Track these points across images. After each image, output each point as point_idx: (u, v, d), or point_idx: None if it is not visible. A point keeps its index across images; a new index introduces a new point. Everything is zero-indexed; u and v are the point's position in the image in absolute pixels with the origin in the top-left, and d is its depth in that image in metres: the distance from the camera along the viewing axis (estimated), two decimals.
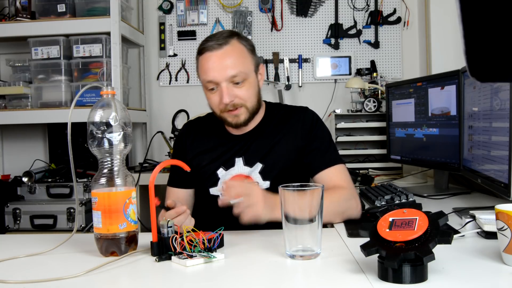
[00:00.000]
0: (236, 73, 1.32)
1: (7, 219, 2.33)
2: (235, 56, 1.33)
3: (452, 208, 1.41)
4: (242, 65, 1.33)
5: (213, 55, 1.32)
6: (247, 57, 1.37)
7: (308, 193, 0.97)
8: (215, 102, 1.37)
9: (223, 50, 1.32)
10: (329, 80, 2.79)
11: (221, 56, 1.32)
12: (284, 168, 1.41)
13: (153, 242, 1.01)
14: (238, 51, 1.34)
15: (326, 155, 1.40)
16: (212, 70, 1.32)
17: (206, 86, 1.36)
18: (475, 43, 0.46)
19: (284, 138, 1.42)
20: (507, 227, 0.87)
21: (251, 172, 1.40)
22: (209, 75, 1.32)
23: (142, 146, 2.87)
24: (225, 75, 1.31)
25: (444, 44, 2.44)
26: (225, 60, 1.32)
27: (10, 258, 1.04)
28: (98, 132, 1.02)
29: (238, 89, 1.34)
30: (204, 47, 1.34)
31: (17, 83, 2.45)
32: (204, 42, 1.36)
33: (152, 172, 1.01)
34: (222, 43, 1.32)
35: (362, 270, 0.88)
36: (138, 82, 2.87)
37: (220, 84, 1.32)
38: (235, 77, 1.32)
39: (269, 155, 1.41)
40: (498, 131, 1.34)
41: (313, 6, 2.78)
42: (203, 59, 1.34)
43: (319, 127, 1.45)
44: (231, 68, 1.31)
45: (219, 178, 1.42)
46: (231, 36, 1.35)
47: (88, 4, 2.41)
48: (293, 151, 1.42)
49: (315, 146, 1.41)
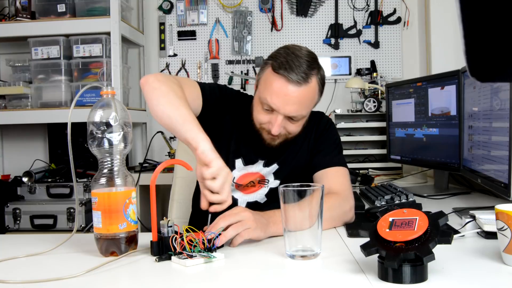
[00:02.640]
0: (297, 114, 1.27)
1: (7, 219, 2.33)
2: (306, 100, 1.26)
3: (452, 208, 1.41)
4: (306, 108, 1.29)
5: (289, 87, 1.23)
6: (315, 99, 1.31)
7: (308, 193, 0.97)
8: (262, 120, 1.30)
9: (301, 89, 1.23)
10: (329, 80, 2.79)
11: (295, 93, 1.23)
12: (296, 170, 1.41)
13: (153, 242, 1.01)
14: (311, 95, 1.27)
15: (329, 155, 1.40)
16: (279, 99, 1.24)
17: (262, 103, 1.28)
18: (475, 43, 0.46)
19: (300, 142, 1.42)
20: (507, 227, 0.87)
21: (267, 172, 1.41)
22: (273, 102, 1.24)
23: (142, 146, 2.87)
24: (288, 112, 1.25)
25: (444, 44, 2.44)
26: (295, 99, 1.24)
27: (10, 258, 1.04)
28: (98, 132, 1.02)
29: (290, 124, 1.30)
30: (283, 74, 1.23)
31: (17, 83, 2.45)
32: (287, 67, 1.23)
33: (154, 172, 1.01)
34: (302, 82, 1.23)
35: (362, 270, 0.88)
36: (138, 82, 2.86)
37: (277, 113, 1.26)
38: (294, 117, 1.28)
39: (285, 157, 1.41)
40: (498, 131, 1.34)
41: (313, 6, 2.78)
42: (277, 81, 1.24)
43: (331, 132, 1.45)
44: (296, 109, 1.25)
45: (235, 168, 1.40)
46: (312, 71, 1.25)
47: (88, 4, 2.41)
48: (305, 154, 1.43)
49: (321, 147, 1.42)
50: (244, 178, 1.42)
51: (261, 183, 1.42)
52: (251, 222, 1.08)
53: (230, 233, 1.05)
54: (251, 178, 1.42)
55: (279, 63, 1.24)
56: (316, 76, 1.27)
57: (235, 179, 1.41)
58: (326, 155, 1.40)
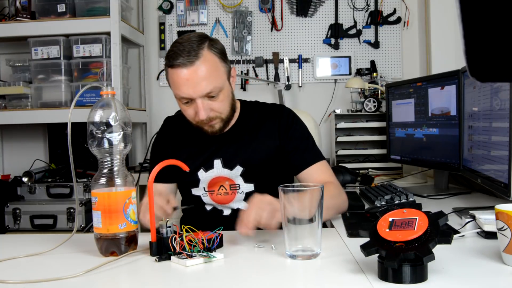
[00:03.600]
0: (211, 89, 1.26)
1: (7, 219, 2.33)
2: (209, 71, 1.25)
3: (452, 208, 1.41)
4: (215, 79, 1.27)
5: (185, 71, 1.24)
6: (220, 68, 1.30)
7: (308, 193, 0.97)
8: (190, 115, 1.32)
9: (195, 66, 1.24)
10: (329, 80, 2.79)
11: (193, 72, 1.24)
12: (266, 169, 1.41)
13: (152, 242, 1.01)
14: (210, 64, 1.26)
15: (307, 152, 1.41)
16: (185, 86, 1.25)
17: (180, 100, 1.31)
18: (475, 43, 0.46)
19: (262, 139, 1.42)
20: (507, 227, 0.87)
21: (232, 174, 1.40)
22: (183, 92, 1.26)
23: (142, 146, 2.87)
24: (200, 92, 1.25)
25: (444, 44, 2.45)
26: (198, 77, 1.24)
27: (10, 258, 1.04)
28: (98, 132, 1.02)
29: (213, 103, 1.29)
30: (174, 63, 1.25)
31: (17, 83, 2.45)
32: (174, 56, 1.25)
33: (151, 172, 1.01)
34: (193, 59, 1.23)
35: (362, 270, 0.88)
36: (138, 82, 2.87)
37: (195, 100, 1.27)
38: (210, 93, 1.27)
39: (248, 158, 1.40)
40: (498, 131, 1.34)
41: (313, 6, 2.78)
42: (174, 73, 1.26)
43: (296, 125, 1.44)
44: (205, 85, 1.25)
45: (200, 179, 1.42)
46: (201, 45, 1.26)
47: (88, 4, 2.41)
48: (272, 151, 1.42)
49: (294, 145, 1.41)
50: (213, 184, 1.42)
51: (232, 189, 1.41)
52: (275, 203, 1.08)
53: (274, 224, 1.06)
54: (220, 182, 1.41)
55: (168, 57, 1.28)
56: (207, 48, 1.27)
57: (206, 188, 1.42)
58: (304, 153, 1.40)
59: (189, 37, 1.29)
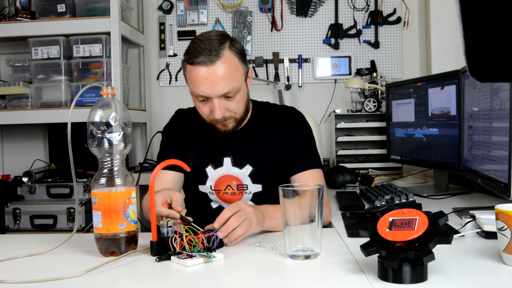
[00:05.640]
0: (229, 89, 1.26)
1: (7, 219, 2.33)
2: (228, 72, 1.26)
3: (452, 208, 1.41)
4: (234, 80, 1.27)
5: (204, 70, 1.24)
6: (239, 69, 1.30)
7: (308, 193, 0.97)
8: (205, 113, 1.32)
9: (216, 66, 1.24)
10: (329, 80, 2.79)
11: (213, 72, 1.24)
12: (274, 171, 1.41)
13: (153, 242, 1.01)
14: (230, 64, 1.27)
15: (304, 157, 1.40)
16: (203, 85, 1.25)
17: (196, 97, 1.31)
18: (475, 43, 0.46)
19: (272, 140, 1.42)
20: (507, 227, 0.87)
21: (241, 174, 1.40)
22: (200, 90, 1.26)
23: (142, 146, 2.87)
24: (218, 92, 1.26)
25: (444, 44, 2.44)
26: (217, 77, 1.24)
27: (10, 258, 1.04)
28: (98, 132, 1.02)
29: (229, 103, 1.30)
30: (194, 61, 1.25)
31: (17, 83, 2.45)
32: (195, 53, 1.25)
33: (153, 172, 1.01)
34: (214, 58, 1.24)
35: (362, 270, 0.88)
36: (138, 82, 2.87)
37: (211, 99, 1.28)
38: (227, 93, 1.28)
39: (258, 158, 1.40)
40: (498, 131, 1.34)
41: (313, 6, 2.78)
42: (193, 71, 1.26)
43: (302, 129, 1.44)
44: (224, 85, 1.25)
45: (208, 176, 1.42)
46: (222, 45, 1.26)
47: (88, 4, 2.41)
48: (280, 152, 1.42)
49: (295, 147, 1.41)
50: (220, 182, 1.42)
51: (240, 190, 1.41)
52: (254, 218, 1.11)
53: (239, 232, 1.08)
54: (227, 181, 1.41)
55: (189, 54, 1.27)
56: (228, 48, 1.27)
57: (212, 187, 1.42)
58: (302, 156, 1.40)
59: (210, 35, 1.29)
